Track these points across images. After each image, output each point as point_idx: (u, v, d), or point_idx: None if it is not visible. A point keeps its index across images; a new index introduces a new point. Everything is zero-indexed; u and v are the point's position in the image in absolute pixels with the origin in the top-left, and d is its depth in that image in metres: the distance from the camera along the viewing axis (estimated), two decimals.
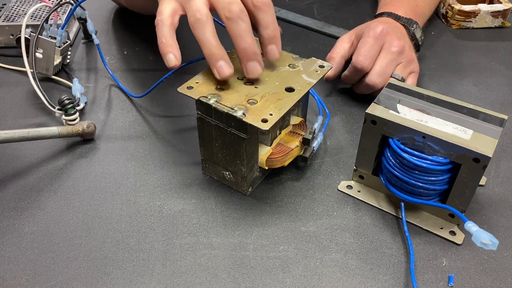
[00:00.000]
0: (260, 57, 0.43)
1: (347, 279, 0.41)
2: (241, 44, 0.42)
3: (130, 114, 0.60)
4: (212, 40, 0.43)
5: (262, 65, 0.44)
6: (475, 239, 0.37)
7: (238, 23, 0.41)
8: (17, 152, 0.54)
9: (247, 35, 0.42)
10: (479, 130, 0.41)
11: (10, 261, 0.43)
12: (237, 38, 0.42)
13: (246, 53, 0.43)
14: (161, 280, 0.41)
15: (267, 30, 0.43)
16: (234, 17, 0.41)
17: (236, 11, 0.41)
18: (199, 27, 0.42)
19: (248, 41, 0.42)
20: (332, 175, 0.51)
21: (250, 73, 0.44)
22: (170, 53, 0.44)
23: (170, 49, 0.44)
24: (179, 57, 0.44)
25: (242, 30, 0.42)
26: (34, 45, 0.60)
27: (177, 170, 0.52)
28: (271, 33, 0.43)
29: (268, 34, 0.43)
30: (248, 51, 0.42)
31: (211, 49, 0.43)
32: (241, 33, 0.42)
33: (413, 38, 0.62)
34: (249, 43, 0.42)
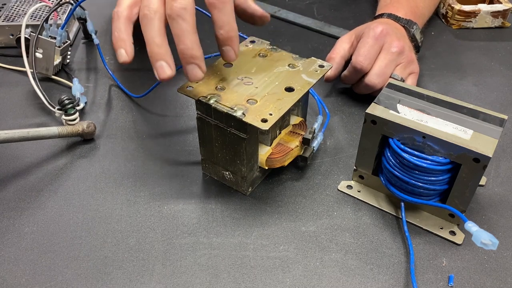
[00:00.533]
0: (200, 60, 0.40)
1: (347, 279, 0.41)
2: (179, 45, 0.39)
3: (130, 114, 0.60)
4: (156, 38, 0.40)
5: (202, 69, 0.41)
6: (475, 239, 0.37)
7: (178, 22, 0.39)
8: (17, 152, 0.54)
9: (186, 36, 0.39)
10: (479, 130, 0.41)
11: (10, 261, 0.43)
12: (175, 38, 0.39)
13: (183, 56, 0.40)
14: (161, 280, 0.41)
15: (220, 31, 0.40)
16: (173, 15, 0.39)
17: (176, 9, 0.38)
18: (144, 23, 0.40)
19: (186, 42, 0.39)
20: (332, 175, 0.51)
21: (189, 76, 0.41)
22: (121, 48, 0.42)
23: (122, 44, 0.42)
24: (131, 53, 0.42)
25: (181, 30, 0.39)
26: (34, 45, 0.60)
27: (177, 170, 0.52)
28: (225, 34, 0.40)
29: (222, 35, 0.40)
30: (185, 53, 0.39)
31: (153, 47, 0.40)
32: (180, 33, 0.39)
33: (413, 39, 0.62)
34: (187, 45, 0.39)
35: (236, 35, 0.41)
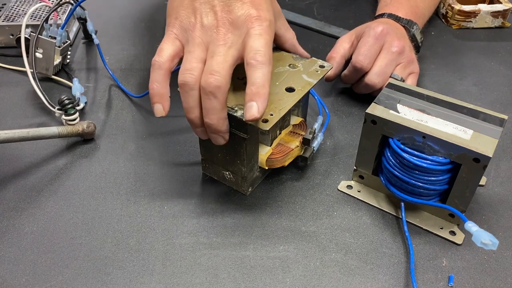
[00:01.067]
0: (223, 133, 0.42)
1: (347, 279, 0.41)
2: (205, 118, 0.40)
3: (130, 114, 0.60)
4: (195, 109, 0.41)
5: (225, 138, 0.43)
6: (475, 239, 0.37)
7: (210, 98, 0.39)
8: (17, 152, 0.54)
9: (214, 113, 0.40)
10: (479, 130, 0.41)
11: (10, 261, 0.43)
12: (204, 110, 0.40)
13: (208, 127, 0.41)
14: (161, 280, 0.41)
15: (251, 87, 0.39)
16: (206, 91, 0.39)
17: (211, 86, 0.39)
18: (184, 91, 0.40)
19: (213, 119, 0.40)
20: (332, 175, 0.51)
21: (213, 141, 0.43)
22: (159, 104, 0.41)
23: (159, 99, 0.41)
24: (167, 108, 0.42)
25: (211, 106, 0.40)
26: (34, 45, 0.60)
27: (177, 170, 0.52)
28: (254, 90, 0.39)
29: (251, 90, 0.39)
30: (210, 127, 0.41)
31: (191, 117, 0.41)
32: (209, 109, 0.40)
33: (413, 39, 0.62)
34: (214, 121, 0.40)
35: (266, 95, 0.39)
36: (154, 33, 0.77)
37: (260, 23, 0.40)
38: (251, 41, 0.40)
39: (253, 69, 0.39)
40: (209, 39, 0.41)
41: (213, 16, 0.41)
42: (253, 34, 0.40)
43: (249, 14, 0.40)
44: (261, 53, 0.39)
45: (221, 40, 0.40)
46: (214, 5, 0.41)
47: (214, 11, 0.41)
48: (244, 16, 0.40)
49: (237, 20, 0.40)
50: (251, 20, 0.40)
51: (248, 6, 0.40)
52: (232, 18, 0.40)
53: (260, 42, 0.40)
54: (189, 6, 0.42)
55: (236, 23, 0.40)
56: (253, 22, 0.40)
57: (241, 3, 0.41)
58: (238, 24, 0.40)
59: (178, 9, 0.42)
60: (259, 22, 0.40)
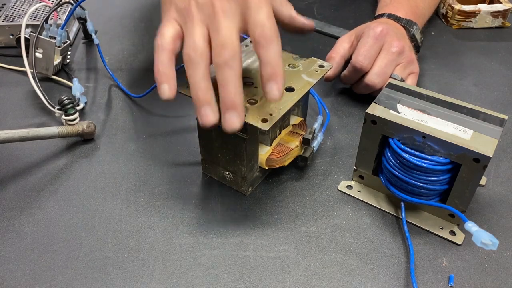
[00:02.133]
0: (240, 109, 0.38)
1: (347, 279, 0.41)
2: (222, 92, 0.38)
3: (130, 114, 0.60)
4: (201, 83, 0.39)
5: (241, 118, 0.39)
6: (475, 239, 0.37)
7: (225, 70, 0.37)
8: (17, 152, 0.54)
9: (231, 84, 0.38)
10: (479, 130, 0.41)
11: (10, 261, 0.43)
12: (220, 84, 0.38)
13: (224, 102, 0.38)
14: (161, 280, 0.41)
15: (265, 68, 0.38)
16: (221, 64, 0.37)
17: (225, 57, 0.37)
18: (189, 66, 0.39)
19: (230, 91, 0.38)
20: (332, 175, 0.51)
21: (226, 125, 0.39)
22: (165, 83, 0.40)
23: (165, 79, 0.40)
24: (174, 89, 0.40)
25: (228, 78, 0.38)
26: (34, 45, 0.60)
27: (177, 170, 0.52)
28: (270, 70, 0.38)
29: (267, 72, 0.38)
30: (227, 101, 0.38)
31: (198, 93, 0.39)
32: (225, 81, 0.38)
33: (413, 39, 0.62)
34: (231, 93, 0.38)
35: (282, 73, 0.39)
36: (154, 33, 0.77)
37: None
38: (252, 13, 0.38)
39: (264, 49, 0.38)
40: (206, 14, 0.39)
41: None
42: (252, 5, 0.38)
43: None
44: (267, 27, 0.38)
45: (220, 12, 0.38)
46: None
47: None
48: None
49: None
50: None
51: None
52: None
53: (262, 14, 0.38)
54: None
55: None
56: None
57: None
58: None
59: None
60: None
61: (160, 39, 0.41)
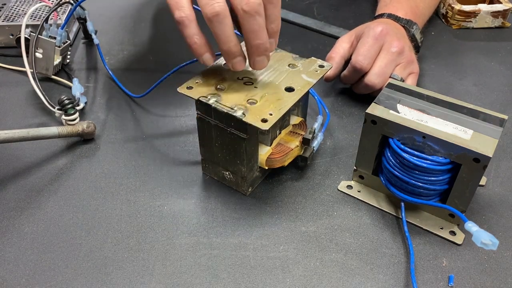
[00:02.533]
0: (269, 51, 0.43)
1: (347, 279, 0.41)
2: (255, 41, 0.41)
3: (130, 114, 0.60)
4: (232, 37, 0.41)
5: (269, 59, 0.44)
6: (475, 239, 0.37)
7: (256, 18, 0.39)
8: (17, 152, 0.54)
9: (263, 31, 0.40)
10: (479, 130, 0.41)
11: (10, 261, 0.43)
12: (251, 33, 0.40)
13: (258, 49, 0.41)
14: (161, 280, 0.41)
15: (272, 25, 0.41)
16: (252, 12, 0.39)
17: (255, 5, 0.39)
18: (218, 22, 0.40)
19: (263, 38, 0.41)
20: (332, 175, 0.51)
21: (257, 66, 0.43)
22: (207, 53, 0.42)
23: (206, 48, 0.42)
24: (214, 54, 0.43)
25: (259, 25, 0.40)
26: (34, 45, 0.60)
27: (177, 170, 0.52)
28: (275, 28, 0.42)
29: (273, 28, 0.41)
30: (261, 48, 0.41)
31: (230, 47, 0.41)
32: (257, 28, 0.40)
33: (413, 39, 0.62)
34: (264, 39, 0.41)
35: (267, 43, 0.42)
36: (154, 33, 0.77)
37: None
38: None
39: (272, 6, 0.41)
40: None
41: None
42: None
43: None
44: None
45: None
46: None
47: None
48: None
49: None
50: None
51: None
52: None
53: None
54: None
55: None
56: None
57: None
58: None
59: None
60: None
61: (180, 12, 0.41)
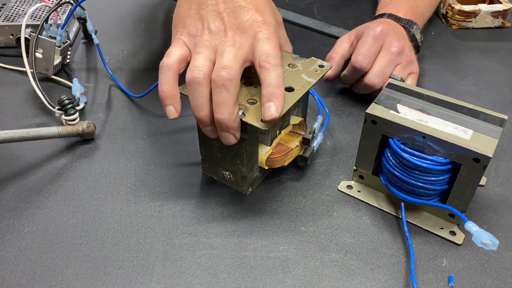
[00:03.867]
0: (234, 130, 0.41)
1: (347, 279, 0.41)
2: (216, 113, 0.40)
3: (130, 114, 0.60)
4: (203, 106, 0.40)
5: (236, 137, 0.42)
6: (475, 239, 0.37)
7: (221, 91, 0.39)
8: (17, 152, 0.54)
9: (226, 107, 0.39)
10: (479, 130, 0.41)
11: (10, 261, 0.43)
12: (215, 106, 0.40)
13: (219, 124, 0.40)
14: (161, 280, 0.41)
15: (267, 88, 0.40)
16: (218, 84, 0.39)
17: (223, 79, 0.39)
18: (193, 88, 0.40)
19: (224, 113, 0.39)
20: (332, 175, 0.51)
21: (223, 140, 0.42)
22: (171, 106, 0.42)
23: (171, 101, 0.42)
24: (179, 109, 0.42)
25: (222, 100, 0.39)
26: (34, 45, 0.60)
27: (177, 170, 0.52)
28: (271, 91, 0.40)
29: (268, 92, 0.40)
30: (221, 123, 0.40)
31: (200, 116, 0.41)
32: (220, 102, 0.39)
33: (413, 39, 0.62)
34: (225, 116, 0.39)
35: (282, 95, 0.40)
36: (154, 33, 0.77)
37: (267, 28, 0.41)
38: (260, 44, 0.41)
39: (267, 72, 0.40)
40: (217, 42, 0.41)
41: (220, 21, 0.42)
42: (261, 38, 0.41)
43: (255, 19, 0.41)
44: (273, 55, 0.40)
45: (230, 42, 0.41)
46: (221, 12, 0.42)
47: (221, 17, 0.42)
48: (250, 20, 0.41)
49: (244, 24, 0.41)
50: (257, 24, 0.41)
51: (254, 12, 0.42)
52: (239, 23, 0.41)
53: (269, 45, 0.41)
54: (196, 14, 0.43)
55: (243, 27, 0.41)
56: (260, 26, 0.41)
57: (246, 9, 0.42)
58: (245, 28, 0.41)
59: (184, 18, 0.43)
60: (266, 27, 0.41)
61: (166, 59, 0.42)
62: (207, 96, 0.40)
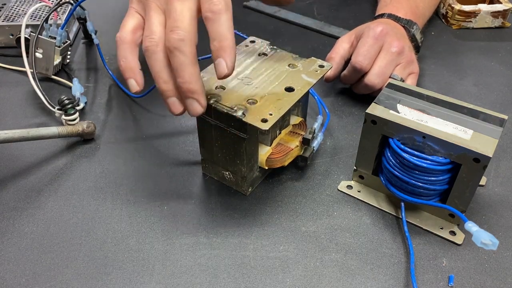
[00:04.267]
0: (198, 94, 0.38)
1: (347, 279, 0.41)
2: (177, 79, 0.37)
3: (130, 114, 0.60)
4: (162, 73, 0.38)
5: (202, 103, 0.39)
6: (475, 239, 0.37)
7: (176, 54, 0.37)
8: (17, 152, 0.54)
9: (184, 69, 0.37)
10: (479, 130, 0.41)
11: (10, 261, 0.43)
12: (174, 72, 0.37)
13: (181, 90, 0.38)
14: (161, 280, 0.41)
15: (213, 43, 0.37)
16: (171, 48, 0.37)
17: (174, 41, 0.36)
18: (148, 56, 0.38)
19: (184, 76, 0.37)
20: (332, 175, 0.51)
21: (189, 111, 0.39)
22: (131, 79, 0.40)
23: (131, 74, 0.40)
24: (141, 82, 0.40)
25: (179, 63, 0.37)
26: (34, 45, 0.60)
27: (177, 170, 0.52)
28: (217, 44, 0.37)
29: (215, 46, 0.37)
30: (183, 87, 0.37)
31: (161, 84, 0.39)
32: (177, 66, 0.37)
33: (413, 39, 0.62)
34: (185, 79, 0.37)
35: (230, 46, 0.37)
36: None
37: None
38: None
39: (211, 22, 0.37)
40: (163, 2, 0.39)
41: None
42: None
43: None
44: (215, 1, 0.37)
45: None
46: None
47: None
48: None
49: None
50: None
51: None
52: None
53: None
54: None
55: None
56: None
57: None
58: None
59: None
60: None
61: (120, 32, 0.41)
62: (163, 62, 0.38)
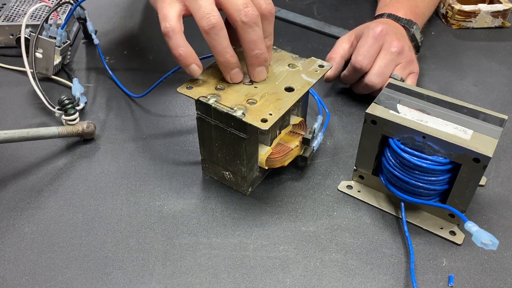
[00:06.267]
0: (267, 60, 0.44)
1: (347, 279, 0.41)
2: (254, 51, 0.42)
3: (130, 114, 0.60)
4: (228, 49, 0.42)
5: (268, 70, 0.45)
6: (475, 239, 0.37)
7: (255, 29, 0.41)
8: (17, 152, 0.54)
9: (262, 41, 0.42)
10: (479, 130, 0.41)
11: (10, 261, 0.43)
12: (250, 44, 0.42)
13: (258, 60, 0.43)
14: (161, 280, 0.41)
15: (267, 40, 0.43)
16: (250, 23, 0.40)
17: (253, 16, 0.40)
18: (214, 34, 0.41)
19: (262, 48, 0.42)
20: (332, 175, 0.51)
21: (257, 77, 0.44)
22: (193, 64, 0.43)
23: (192, 60, 0.43)
24: (201, 64, 0.44)
25: (257, 36, 0.41)
26: (34, 45, 0.60)
27: (177, 170, 0.52)
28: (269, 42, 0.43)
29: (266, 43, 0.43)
30: (260, 57, 0.42)
31: (227, 58, 0.42)
32: (255, 39, 0.41)
33: (413, 39, 0.62)
34: (263, 50, 0.42)
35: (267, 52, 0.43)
36: (154, 33, 0.77)
37: None
38: None
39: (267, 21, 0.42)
40: None
41: None
42: None
43: None
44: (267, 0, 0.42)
45: None
46: None
47: None
48: None
49: None
50: None
51: None
52: None
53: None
54: None
55: None
56: None
57: None
58: None
59: None
60: None
61: (166, 23, 0.42)
62: (227, 37, 0.41)
